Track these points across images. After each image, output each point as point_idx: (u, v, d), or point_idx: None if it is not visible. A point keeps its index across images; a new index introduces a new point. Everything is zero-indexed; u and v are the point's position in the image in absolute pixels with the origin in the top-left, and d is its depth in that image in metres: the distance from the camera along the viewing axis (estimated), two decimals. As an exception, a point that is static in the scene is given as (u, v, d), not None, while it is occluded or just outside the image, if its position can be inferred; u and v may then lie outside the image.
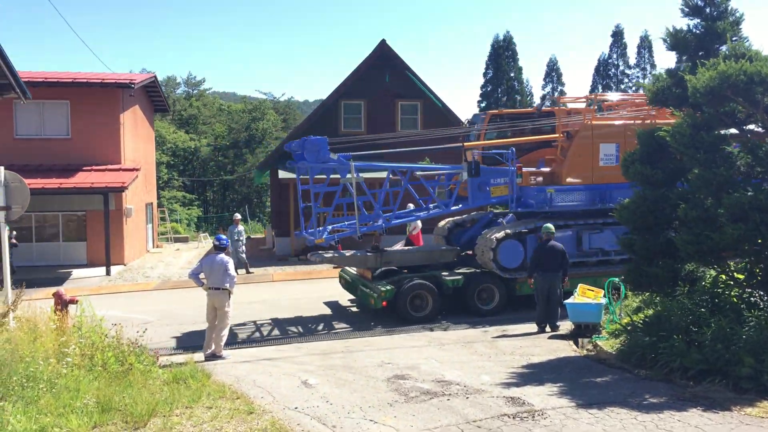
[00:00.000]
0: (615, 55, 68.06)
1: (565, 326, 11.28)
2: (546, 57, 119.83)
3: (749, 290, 8.70)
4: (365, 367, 9.03)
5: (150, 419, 6.54)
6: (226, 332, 10.11)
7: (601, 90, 68.36)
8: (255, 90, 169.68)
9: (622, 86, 67.71)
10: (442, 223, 15.68)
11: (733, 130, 8.95)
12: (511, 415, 6.78)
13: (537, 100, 69.46)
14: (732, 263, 8.94)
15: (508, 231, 13.06)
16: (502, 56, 63.25)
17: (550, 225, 11.66)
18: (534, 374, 8.48)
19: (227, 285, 9.98)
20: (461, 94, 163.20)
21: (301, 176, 13.64)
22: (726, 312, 8.26)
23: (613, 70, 68.04)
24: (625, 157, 9.88)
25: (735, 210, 7.97)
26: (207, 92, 61.80)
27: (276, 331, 12.09)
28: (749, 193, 8.06)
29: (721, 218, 8.18)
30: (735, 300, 8.64)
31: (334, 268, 17.25)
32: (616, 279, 10.90)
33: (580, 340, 10.27)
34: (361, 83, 24.68)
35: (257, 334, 11.94)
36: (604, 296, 10.82)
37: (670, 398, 7.18)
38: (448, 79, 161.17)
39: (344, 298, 15.28)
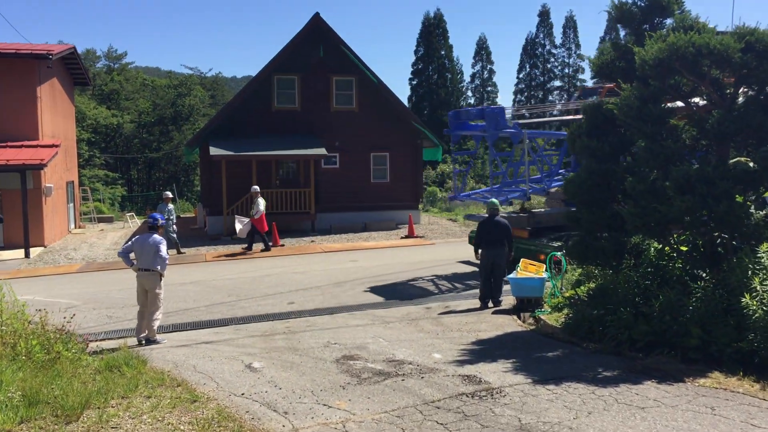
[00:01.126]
0: (542, 35, 69.12)
1: (508, 301, 11.26)
2: (476, 35, 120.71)
3: (691, 262, 8.82)
4: (311, 348, 8.69)
5: (83, 412, 6.00)
6: (159, 315, 9.53)
7: (528, 68, 69.91)
8: (180, 65, 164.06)
9: (548, 65, 69.25)
10: (553, 189, 15.67)
11: (680, 103, 8.98)
12: (469, 394, 6.58)
13: (467, 79, 70.25)
14: (675, 236, 9.05)
15: None
16: (433, 34, 63.13)
17: (495, 200, 11.56)
18: (485, 351, 8.34)
19: (158, 267, 9.40)
20: (394, 71, 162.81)
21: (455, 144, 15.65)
22: (672, 284, 8.33)
23: (540, 50, 69.18)
24: (572, 131, 9.82)
25: (681, 182, 7.98)
26: (129, 66, 59.19)
27: (213, 314, 11.57)
28: (695, 166, 8.12)
29: (668, 191, 8.19)
30: (679, 272, 8.73)
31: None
32: (558, 253, 10.91)
33: (522, 314, 10.24)
34: (295, 58, 24.01)
35: (193, 317, 11.39)
36: (546, 270, 10.83)
37: (623, 371, 7.16)
38: (382, 57, 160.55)
39: (287, 277, 14.87)
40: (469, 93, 69.64)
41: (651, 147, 8.41)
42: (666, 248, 9.08)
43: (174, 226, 19.03)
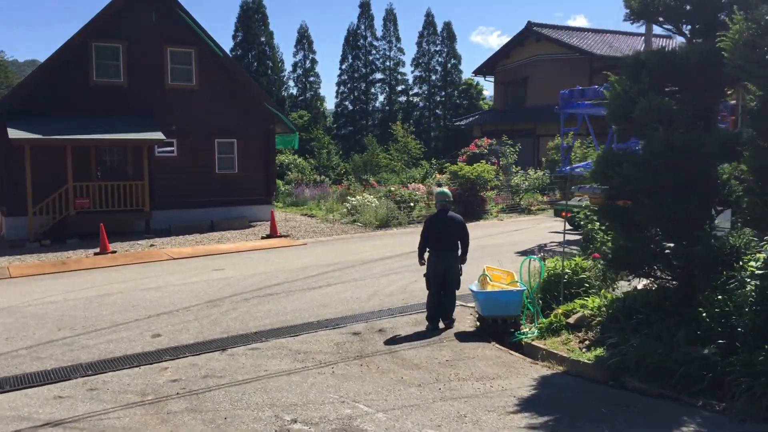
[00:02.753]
0: (363, 27, 67.90)
1: (462, 316, 8.79)
2: (297, 23, 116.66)
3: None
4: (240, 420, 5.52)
5: None
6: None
7: (351, 59, 68.26)
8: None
9: (371, 57, 68.18)
10: None
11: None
12: None
13: (289, 68, 67.20)
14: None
15: None
16: (253, 19, 59.53)
17: (445, 190, 8.98)
18: (531, 427, 5.66)
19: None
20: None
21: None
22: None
23: (362, 41, 67.89)
24: (616, 91, 7.08)
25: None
26: None
27: (42, 360, 7.78)
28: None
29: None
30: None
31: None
32: (535, 257, 8.61)
33: (495, 339, 7.77)
34: (120, 21, 19.64)
35: (11, 366, 7.52)
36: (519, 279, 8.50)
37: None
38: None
39: (137, 296, 11.11)
40: (291, 83, 66.64)
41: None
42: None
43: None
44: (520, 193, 22.86)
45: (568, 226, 19.67)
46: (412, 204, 20.35)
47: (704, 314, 6.13)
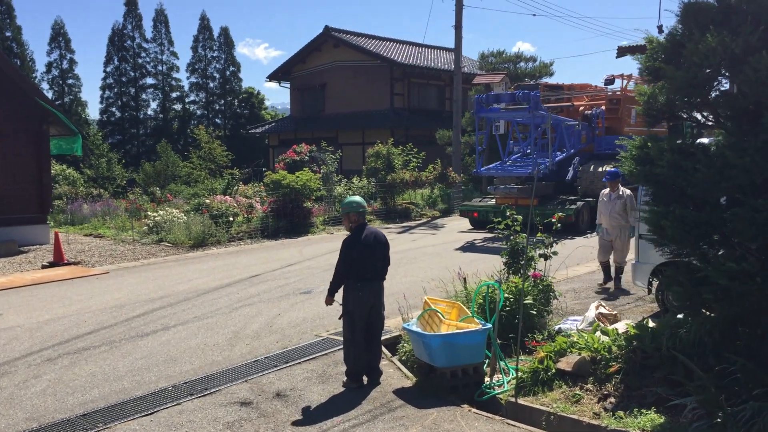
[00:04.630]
0: (130, 26, 61.98)
1: (388, 371, 6.58)
2: (51, 19, 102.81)
3: None
4: None
5: None
6: None
7: (117, 61, 61.57)
8: None
9: (140, 60, 62.29)
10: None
11: None
12: None
13: (42, 68, 59.41)
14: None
15: (610, 166, 15.09)
16: (-6, 9, 51.26)
17: (358, 198, 6.62)
18: None
19: None
20: None
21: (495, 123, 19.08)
22: None
23: (129, 42, 61.87)
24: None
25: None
26: None
27: None
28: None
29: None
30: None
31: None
32: (494, 282, 6.60)
33: (459, 401, 5.71)
34: None
35: None
36: (476, 313, 6.48)
37: None
38: None
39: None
40: (46, 85, 58.41)
41: None
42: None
43: None
44: (344, 204, 21.04)
45: (469, 226, 19.17)
46: (231, 218, 17.44)
47: None
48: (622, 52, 21.76)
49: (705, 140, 5.12)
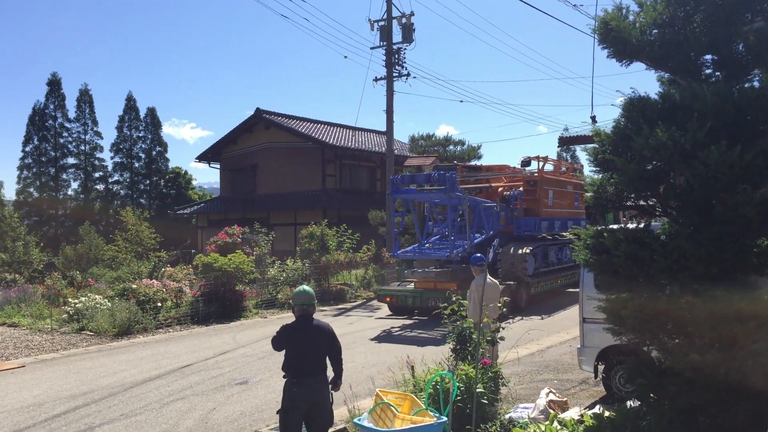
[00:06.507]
0: (53, 106, 60.65)
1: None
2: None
3: None
4: None
5: None
6: None
7: (37, 141, 59.71)
8: None
9: (61, 140, 60.70)
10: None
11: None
12: None
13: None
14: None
15: (530, 248, 17.84)
16: None
17: (307, 288, 6.36)
18: None
19: None
20: None
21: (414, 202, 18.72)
22: None
23: (51, 122, 60.38)
24: None
25: None
26: None
27: None
28: None
29: None
30: None
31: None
32: (446, 372, 6.39)
33: None
34: None
35: None
36: (429, 404, 6.22)
37: None
38: None
39: None
40: (-46, 163, 55.94)
41: None
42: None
43: None
44: (278, 286, 20.51)
45: (388, 312, 18.30)
46: (159, 304, 16.66)
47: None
48: (563, 142, 22.55)
49: (652, 224, 5.24)
